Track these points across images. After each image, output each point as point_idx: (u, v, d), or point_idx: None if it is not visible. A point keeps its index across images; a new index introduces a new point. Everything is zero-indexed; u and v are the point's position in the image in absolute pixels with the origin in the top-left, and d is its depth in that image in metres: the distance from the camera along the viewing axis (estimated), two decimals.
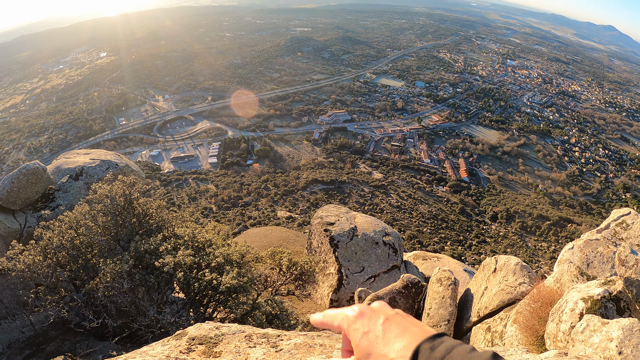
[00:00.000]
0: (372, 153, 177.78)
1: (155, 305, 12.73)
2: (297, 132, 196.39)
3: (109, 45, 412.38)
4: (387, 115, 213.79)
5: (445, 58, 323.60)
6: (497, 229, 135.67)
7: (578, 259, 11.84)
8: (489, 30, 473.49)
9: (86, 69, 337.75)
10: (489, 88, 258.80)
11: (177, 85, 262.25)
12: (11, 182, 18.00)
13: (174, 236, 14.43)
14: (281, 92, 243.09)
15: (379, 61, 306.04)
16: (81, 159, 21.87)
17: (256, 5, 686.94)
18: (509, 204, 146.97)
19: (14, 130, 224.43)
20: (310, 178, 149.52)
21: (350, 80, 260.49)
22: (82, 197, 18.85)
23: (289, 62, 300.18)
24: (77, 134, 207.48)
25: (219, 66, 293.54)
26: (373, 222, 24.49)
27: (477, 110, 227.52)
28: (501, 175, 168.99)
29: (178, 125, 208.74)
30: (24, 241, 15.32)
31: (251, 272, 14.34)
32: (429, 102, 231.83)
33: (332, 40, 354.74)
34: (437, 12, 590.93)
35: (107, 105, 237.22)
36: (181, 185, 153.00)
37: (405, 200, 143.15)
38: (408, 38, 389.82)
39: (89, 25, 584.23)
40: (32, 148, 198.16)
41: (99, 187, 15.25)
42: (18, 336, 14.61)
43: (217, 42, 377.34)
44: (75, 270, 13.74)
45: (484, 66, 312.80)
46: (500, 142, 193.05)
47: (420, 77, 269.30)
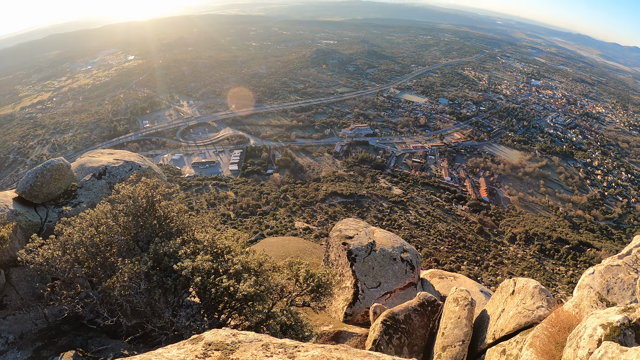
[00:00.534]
0: (393, 168, 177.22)
1: (171, 308, 12.77)
2: (319, 144, 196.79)
3: (137, 49, 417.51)
4: (409, 131, 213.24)
5: (469, 76, 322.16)
6: (515, 251, 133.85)
7: (598, 284, 11.74)
8: (514, 49, 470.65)
9: (113, 71, 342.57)
10: (513, 107, 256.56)
11: (202, 91, 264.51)
12: (35, 176, 18.22)
13: (194, 241, 14.48)
14: (305, 103, 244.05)
15: (403, 76, 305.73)
16: (105, 159, 22.15)
17: (283, 16, 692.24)
18: (528, 226, 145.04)
19: (39, 126, 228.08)
20: (329, 190, 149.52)
21: (374, 95, 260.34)
22: (104, 196, 19.11)
23: (314, 73, 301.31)
24: (101, 133, 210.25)
25: (244, 75, 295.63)
26: (391, 238, 24.44)
27: (500, 130, 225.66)
28: (522, 196, 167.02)
29: (201, 131, 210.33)
30: (44, 235, 15.45)
31: (268, 281, 14.37)
32: (451, 120, 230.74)
33: (357, 54, 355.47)
34: (462, 29, 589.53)
35: (132, 108, 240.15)
36: (201, 190, 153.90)
37: (423, 217, 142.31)
38: (433, 54, 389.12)
39: (119, 29, 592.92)
40: (56, 144, 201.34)
41: (122, 187, 15.42)
42: (31, 328, 14.66)
43: (244, 51, 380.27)
44: (92, 267, 13.81)
45: (508, 85, 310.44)
46: (522, 162, 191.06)
47: (444, 94, 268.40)
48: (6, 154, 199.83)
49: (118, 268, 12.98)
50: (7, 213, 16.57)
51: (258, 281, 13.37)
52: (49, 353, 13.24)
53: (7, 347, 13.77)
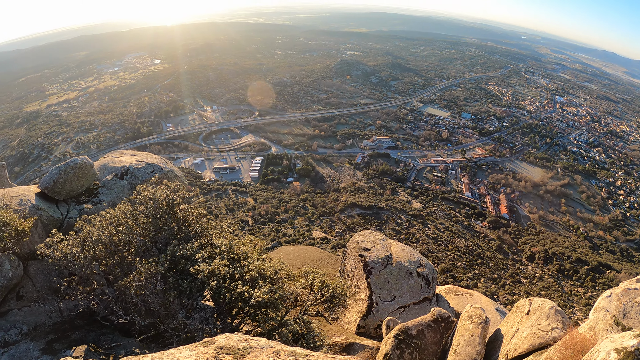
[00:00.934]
0: (413, 182, 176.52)
1: (185, 310, 12.84)
2: (340, 155, 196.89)
3: (164, 53, 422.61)
4: (431, 144, 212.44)
5: (493, 91, 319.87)
6: (533, 270, 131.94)
7: (615, 307, 11.59)
8: (539, 64, 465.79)
9: (139, 74, 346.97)
10: (536, 124, 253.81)
11: (226, 97, 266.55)
12: (58, 173, 18.50)
13: (211, 245, 14.54)
14: (327, 113, 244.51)
15: (426, 90, 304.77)
16: (128, 160, 22.38)
17: (309, 26, 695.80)
18: (547, 245, 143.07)
19: (64, 124, 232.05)
20: (349, 201, 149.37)
21: (397, 107, 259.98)
22: (125, 196, 19.33)
23: (337, 84, 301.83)
24: (124, 134, 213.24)
25: (269, 83, 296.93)
26: (408, 252, 24.32)
27: (522, 146, 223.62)
28: (542, 215, 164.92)
29: (223, 137, 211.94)
30: (63, 231, 15.66)
31: (283, 289, 14.39)
32: (474, 135, 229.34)
33: (381, 66, 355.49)
34: (487, 43, 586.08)
35: (157, 111, 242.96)
36: (220, 195, 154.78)
37: (442, 232, 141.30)
38: (457, 68, 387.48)
39: (147, 33, 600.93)
40: (80, 143, 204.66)
41: (144, 189, 15.60)
42: (45, 320, 14.81)
43: (268, 59, 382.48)
44: (110, 265, 13.98)
45: (532, 101, 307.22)
46: (544, 180, 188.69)
47: (467, 109, 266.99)
48: (31, 149, 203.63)
49: (135, 268, 13.12)
50: (29, 207, 16.83)
51: (273, 288, 13.40)
52: (62, 346, 13.38)
53: (20, 338, 13.96)
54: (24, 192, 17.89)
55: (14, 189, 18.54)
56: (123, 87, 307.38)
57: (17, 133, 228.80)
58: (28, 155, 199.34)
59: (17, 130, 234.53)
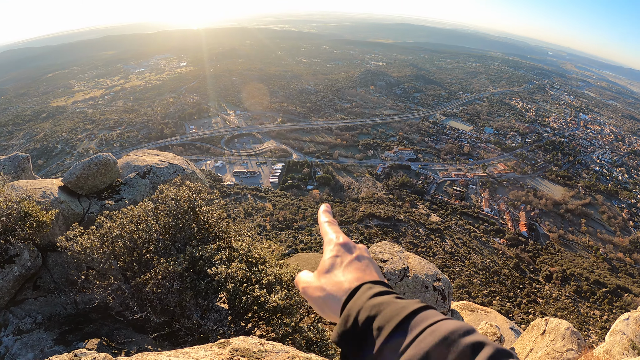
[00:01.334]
0: (433, 195, 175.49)
1: (200, 310, 12.85)
2: (361, 165, 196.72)
3: (190, 56, 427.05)
4: (453, 158, 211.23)
5: (517, 106, 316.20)
6: (550, 290, 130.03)
7: (632, 331, 11.39)
8: (564, 81, 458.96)
9: (165, 75, 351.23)
10: (559, 141, 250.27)
11: (249, 102, 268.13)
12: (82, 168, 18.80)
13: (230, 248, 14.61)
14: (350, 122, 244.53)
15: (449, 103, 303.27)
16: (150, 159, 22.63)
17: (334, 35, 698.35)
18: (565, 265, 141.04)
19: (89, 120, 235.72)
20: (367, 212, 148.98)
21: (420, 119, 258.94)
22: (146, 194, 19.63)
23: (361, 94, 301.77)
24: (148, 134, 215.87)
25: (292, 90, 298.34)
26: (425, 265, 24.12)
27: (545, 163, 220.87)
28: (561, 234, 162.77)
29: (245, 141, 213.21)
30: (84, 225, 15.80)
31: (299, 295, 14.36)
32: (496, 150, 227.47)
33: (405, 77, 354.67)
34: (512, 58, 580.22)
35: (180, 112, 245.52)
36: (240, 199, 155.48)
37: (459, 247, 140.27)
38: (481, 82, 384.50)
39: (174, 35, 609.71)
40: (104, 140, 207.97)
41: (166, 188, 15.66)
42: (60, 311, 14.98)
43: (293, 67, 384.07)
44: (128, 262, 14.06)
45: (555, 118, 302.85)
46: (565, 199, 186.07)
47: (489, 124, 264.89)
48: (55, 143, 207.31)
49: (153, 265, 13.17)
50: (51, 200, 17.06)
51: (289, 294, 13.37)
52: (75, 338, 13.46)
53: (34, 327, 14.12)
54: (47, 185, 18.13)
55: (37, 181, 18.81)
56: (148, 88, 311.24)
57: (43, 127, 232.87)
58: (52, 149, 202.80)
59: (43, 124, 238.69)
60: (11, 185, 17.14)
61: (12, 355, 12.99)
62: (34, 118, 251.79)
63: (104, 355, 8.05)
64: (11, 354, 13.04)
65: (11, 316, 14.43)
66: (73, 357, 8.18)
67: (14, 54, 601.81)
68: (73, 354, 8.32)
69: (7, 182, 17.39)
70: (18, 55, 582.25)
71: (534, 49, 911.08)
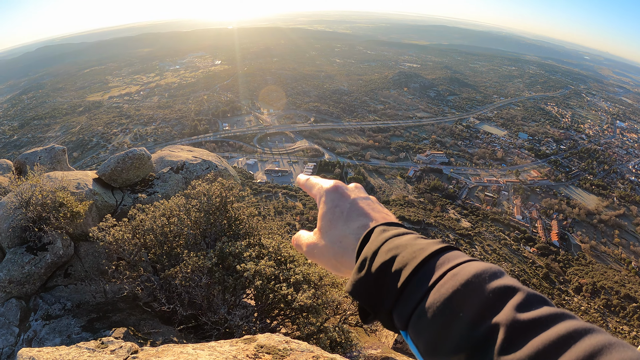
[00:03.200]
0: (464, 200, 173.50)
1: (227, 305, 12.95)
2: (392, 167, 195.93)
3: (224, 55, 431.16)
4: (485, 163, 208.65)
5: (552, 112, 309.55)
6: (579, 302, 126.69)
7: None
8: (601, 86, 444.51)
9: (200, 73, 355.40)
10: (594, 149, 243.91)
11: (282, 101, 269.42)
12: (117, 162, 19.23)
13: (259, 245, 14.68)
14: (382, 124, 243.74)
15: (484, 107, 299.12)
16: (184, 155, 22.93)
17: (368, 35, 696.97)
18: (596, 277, 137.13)
19: (124, 115, 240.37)
20: (397, 214, 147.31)
21: (453, 123, 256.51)
22: (178, 189, 19.89)
23: (394, 95, 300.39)
24: (181, 130, 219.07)
25: (326, 90, 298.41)
26: None
27: (579, 171, 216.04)
28: (594, 245, 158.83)
29: (277, 140, 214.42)
30: (116, 217, 16.13)
31: (326, 295, 14.33)
32: (529, 156, 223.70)
33: (439, 80, 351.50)
34: (548, 62, 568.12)
35: (214, 110, 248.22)
36: (270, 197, 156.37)
37: (489, 254, 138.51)
38: (516, 86, 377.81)
39: (209, 34, 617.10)
40: (138, 135, 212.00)
41: (199, 184, 15.94)
42: (89, 299, 15.41)
43: (327, 67, 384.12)
44: (158, 254, 14.38)
45: (591, 125, 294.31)
46: (599, 209, 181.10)
47: (524, 129, 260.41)
48: (90, 137, 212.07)
49: (182, 259, 13.33)
50: (85, 191, 17.52)
51: (316, 294, 13.37)
52: (102, 326, 13.69)
53: (63, 313, 14.52)
54: (82, 177, 18.53)
55: (72, 173, 19.21)
56: (183, 85, 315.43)
57: (79, 121, 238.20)
58: (87, 142, 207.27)
59: (79, 118, 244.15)
60: (47, 175, 17.55)
61: (40, 340, 13.27)
62: (70, 112, 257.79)
63: (131, 345, 8.12)
64: (39, 338, 13.33)
65: (41, 302, 14.80)
66: (100, 344, 8.28)
67: (51, 50, 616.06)
68: (100, 341, 8.42)
69: (43, 172, 17.77)
70: (55, 51, 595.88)
71: (570, 53, 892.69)
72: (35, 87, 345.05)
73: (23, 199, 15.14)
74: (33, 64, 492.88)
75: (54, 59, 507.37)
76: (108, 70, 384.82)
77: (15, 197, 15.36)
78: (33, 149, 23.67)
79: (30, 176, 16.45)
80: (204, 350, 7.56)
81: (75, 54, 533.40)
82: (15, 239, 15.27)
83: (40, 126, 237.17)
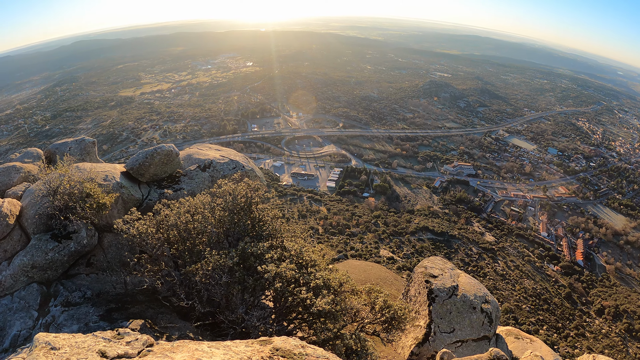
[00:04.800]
0: (489, 214, 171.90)
1: (245, 305, 13.01)
2: (419, 176, 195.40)
3: (256, 57, 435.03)
4: (513, 177, 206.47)
5: (583, 127, 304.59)
6: (600, 325, 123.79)
7: None
8: (634, 103, 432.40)
9: (231, 74, 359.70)
10: (625, 167, 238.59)
11: (312, 105, 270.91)
12: (145, 157, 19.54)
13: (282, 247, 14.78)
14: (411, 133, 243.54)
15: (514, 119, 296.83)
16: (212, 154, 23.22)
17: (400, 43, 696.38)
18: (619, 300, 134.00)
19: (155, 112, 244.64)
20: (421, 224, 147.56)
21: (482, 135, 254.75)
22: (205, 187, 20.10)
23: (424, 104, 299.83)
24: (210, 129, 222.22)
25: (355, 96, 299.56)
26: (475, 285, 23.58)
27: (608, 190, 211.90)
28: (619, 267, 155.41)
29: (305, 144, 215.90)
30: (142, 211, 16.42)
31: (345, 302, 14.30)
32: (558, 172, 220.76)
33: (469, 90, 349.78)
34: (581, 76, 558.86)
35: (244, 110, 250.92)
36: (295, 200, 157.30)
37: (511, 270, 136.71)
38: (547, 100, 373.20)
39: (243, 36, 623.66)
40: (168, 132, 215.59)
41: (225, 183, 16.25)
42: (109, 289, 15.78)
43: (358, 73, 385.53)
44: (180, 250, 14.53)
45: (622, 142, 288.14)
46: (626, 229, 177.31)
47: (553, 144, 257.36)
48: (120, 131, 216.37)
49: (204, 256, 13.47)
50: (112, 184, 17.89)
51: (335, 300, 13.34)
52: (120, 316, 13.94)
53: (83, 301, 14.88)
54: (110, 170, 18.91)
55: (101, 165, 19.63)
56: (214, 85, 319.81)
57: (110, 115, 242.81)
58: (117, 136, 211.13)
59: (110, 112, 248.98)
60: (76, 166, 17.92)
61: (58, 325, 13.50)
62: (102, 105, 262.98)
63: (147, 338, 8.16)
64: (57, 324, 13.56)
65: (62, 288, 15.09)
66: (116, 335, 8.34)
67: (86, 44, 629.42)
68: (117, 332, 8.48)
69: (72, 163, 18.12)
70: (91, 45, 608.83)
71: (604, 68, 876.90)
72: (69, 80, 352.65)
73: (51, 187, 15.51)
74: (68, 57, 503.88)
75: (89, 53, 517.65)
76: (141, 67, 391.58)
77: (44, 185, 15.76)
78: (64, 140, 24.13)
79: (59, 166, 16.84)
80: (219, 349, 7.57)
81: (110, 49, 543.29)
82: (41, 225, 15.63)
83: (72, 118, 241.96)
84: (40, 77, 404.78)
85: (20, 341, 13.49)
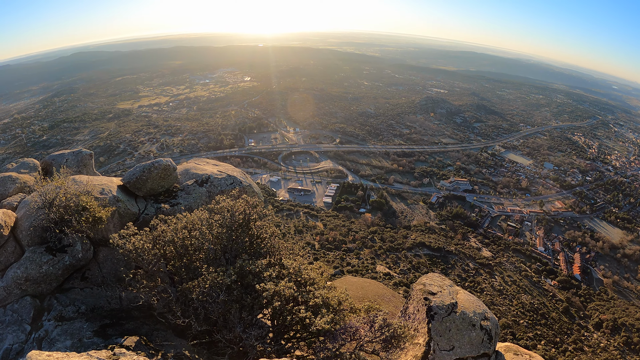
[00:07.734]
0: (486, 229, 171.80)
1: (243, 324, 12.81)
2: (415, 192, 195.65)
3: (254, 72, 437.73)
4: (509, 192, 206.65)
5: (579, 142, 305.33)
6: (598, 339, 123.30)
7: None
8: (629, 117, 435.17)
9: (229, 88, 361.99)
10: (621, 181, 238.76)
11: (309, 121, 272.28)
12: (142, 171, 19.33)
13: (280, 265, 14.69)
14: (407, 148, 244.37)
15: (510, 135, 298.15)
16: (209, 169, 23.15)
17: (397, 59, 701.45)
18: (617, 314, 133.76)
19: (152, 125, 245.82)
20: (417, 240, 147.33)
21: (478, 150, 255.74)
22: (202, 202, 20.02)
23: (420, 120, 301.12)
24: (207, 143, 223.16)
25: (353, 112, 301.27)
26: (475, 302, 23.37)
27: (604, 204, 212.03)
28: (616, 280, 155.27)
29: (302, 159, 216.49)
30: (138, 225, 16.36)
31: (344, 320, 14.15)
32: (554, 187, 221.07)
33: (466, 106, 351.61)
34: (576, 91, 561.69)
35: (241, 125, 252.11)
36: (291, 215, 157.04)
37: (509, 285, 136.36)
38: (543, 115, 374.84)
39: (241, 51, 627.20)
40: (165, 145, 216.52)
41: (223, 199, 16.15)
42: (104, 304, 15.60)
43: (355, 89, 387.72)
44: (177, 266, 14.36)
45: (618, 156, 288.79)
46: (623, 242, 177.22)
47: (549, 159, 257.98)
48: (117, 143, 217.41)
49: (201, 273, 13.33)
50: (109, 197, 17.71)
51: (335, 319, 13.17)
52: (114, 332, 13.78)
53: (76, 315, 14.68)
54: (107, 183, 18.79)
55: (98, 178, 19.48)
56: (212, 99, 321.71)
57: (107, 127, 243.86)
58: (114, 149, 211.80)
59: (108, 124, 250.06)
60: (72, 178, 17.76)
61: (51, 340, 13.29)
62: (100, 117, 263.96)
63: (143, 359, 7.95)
64: (50, 339, 13.35)
65: (55, 302, 14.93)
66: (112, 355, 8.13)
67: (85, 56, 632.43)
68: (112, 352, 8.28)
69: (69, 175, 17.96)
70: (90, 57, 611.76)
71: (598, 82, 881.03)
72: (68, 91, 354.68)
73: (47, 199, 15.35)
74: (67, 68, 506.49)
75: (88, 64, 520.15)
76: (139, 80, 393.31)
77: (40, 197, 15.59)
78: (61, 151, 24.01)
79: (55, 178, 16.71)
80: None
81: (109, 61, 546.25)
82: (35, 238, 15.45)
83: (70, 129, 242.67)
84: (38, 87, 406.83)
85: (12, 355, 13.26)
